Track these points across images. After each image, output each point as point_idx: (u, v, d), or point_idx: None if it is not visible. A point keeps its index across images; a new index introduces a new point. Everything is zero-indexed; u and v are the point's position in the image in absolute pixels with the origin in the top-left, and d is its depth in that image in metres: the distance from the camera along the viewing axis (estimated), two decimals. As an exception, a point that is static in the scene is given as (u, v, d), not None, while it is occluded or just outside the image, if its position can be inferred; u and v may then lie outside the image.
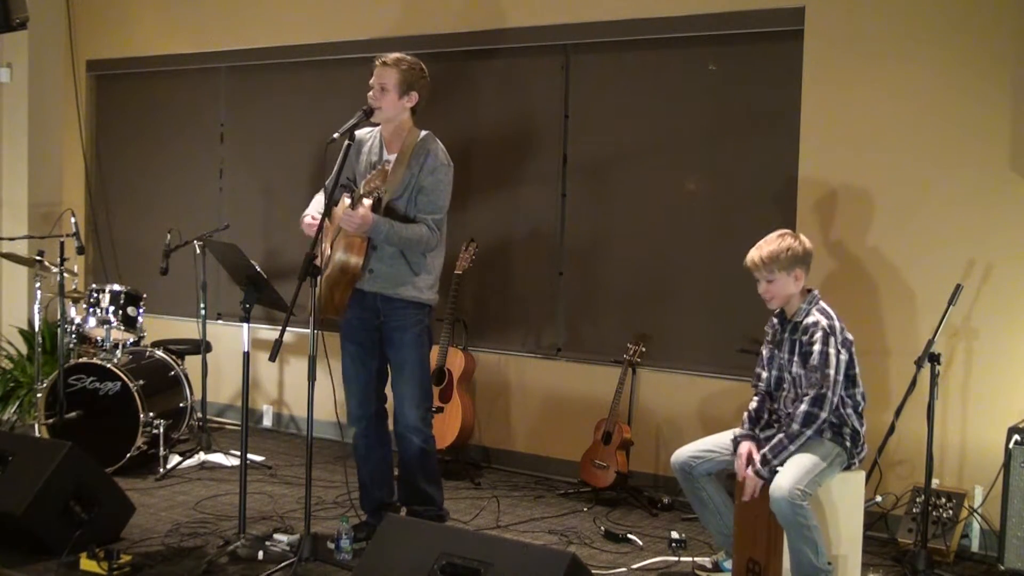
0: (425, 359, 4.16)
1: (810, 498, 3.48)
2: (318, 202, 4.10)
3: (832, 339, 3.60)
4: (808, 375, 3.62)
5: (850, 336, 3.67)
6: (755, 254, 3.74)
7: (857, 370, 3.69)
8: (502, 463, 5.67)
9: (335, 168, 4.00)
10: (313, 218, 3.98)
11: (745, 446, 3.71)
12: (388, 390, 4.23)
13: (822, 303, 3.73)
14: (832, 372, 3.57)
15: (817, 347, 3.60)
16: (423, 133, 4.09)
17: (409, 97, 4.01)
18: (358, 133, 4.13)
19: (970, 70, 4.44)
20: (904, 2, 4.57)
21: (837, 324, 3.65)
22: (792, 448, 3.56)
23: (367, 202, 3.83)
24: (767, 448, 3.60)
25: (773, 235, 3.78)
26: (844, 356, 3.62)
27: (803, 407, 3.57)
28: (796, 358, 3.71)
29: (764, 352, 3.91)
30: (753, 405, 3.87)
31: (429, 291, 4.11)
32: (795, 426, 3.57)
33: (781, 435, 3.60)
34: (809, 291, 3.76)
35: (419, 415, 4.11)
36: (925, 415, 4.08)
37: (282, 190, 6.45)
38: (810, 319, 3.66)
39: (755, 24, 4.92)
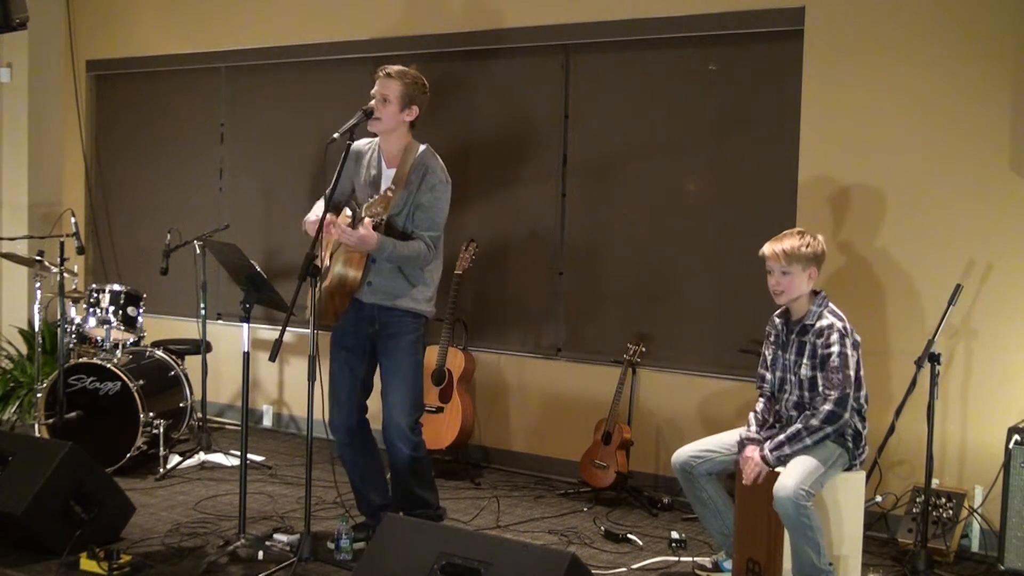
0: (418, 368, 4.16)
1: (813, 499, 3.48)
2: (320, 208, 4.09)
3: (847, 340, 3.62)
4: (829, 376, 3.61)
5: (858, 338, 3.69)
6: (775, 245, 3.71)
7: (862, 372, 3.69)
8: (502, 463, 5.67)
9: (336, 173, 4.00)
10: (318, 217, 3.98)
11: (751, 449, 3.70)
12: (370, 402, 4.23)
13: (832, 305, 3.73)
14: (852, 373, 3.59)
15: (836, 348, 3.61)
16: (422, 148, 4.08)
17: (410, 111, 4.00)
18: (356, 145, 4.12)
19: (970, 70, 4.44)
20: (904, 2, 4.57)
21: (848, 326, 3.66)
22: (808, 442, 3.57)
23: (368, 221, 3.83)
24: (783, 435, 3.60)
25: (792, 231, 3.77)
26: (855, 357, 3.64)
27: (827, 407, 3.57)
28: (805, 360, 3.70)
29: (766, 353, 3.90)
30: (759, 407, 3.87)
31: (427, 304, 4.13)
32: (815, 421, 3.57)
33: (799, 426, 3.59)
34: (816, 293, 3.75)
35: (408, 424, 4.09)
36: (925, 415, 4.08)
37: (282, 190, 6.45)
38: (824, 322, 3.66)
39: (755, 24, 4.92)
